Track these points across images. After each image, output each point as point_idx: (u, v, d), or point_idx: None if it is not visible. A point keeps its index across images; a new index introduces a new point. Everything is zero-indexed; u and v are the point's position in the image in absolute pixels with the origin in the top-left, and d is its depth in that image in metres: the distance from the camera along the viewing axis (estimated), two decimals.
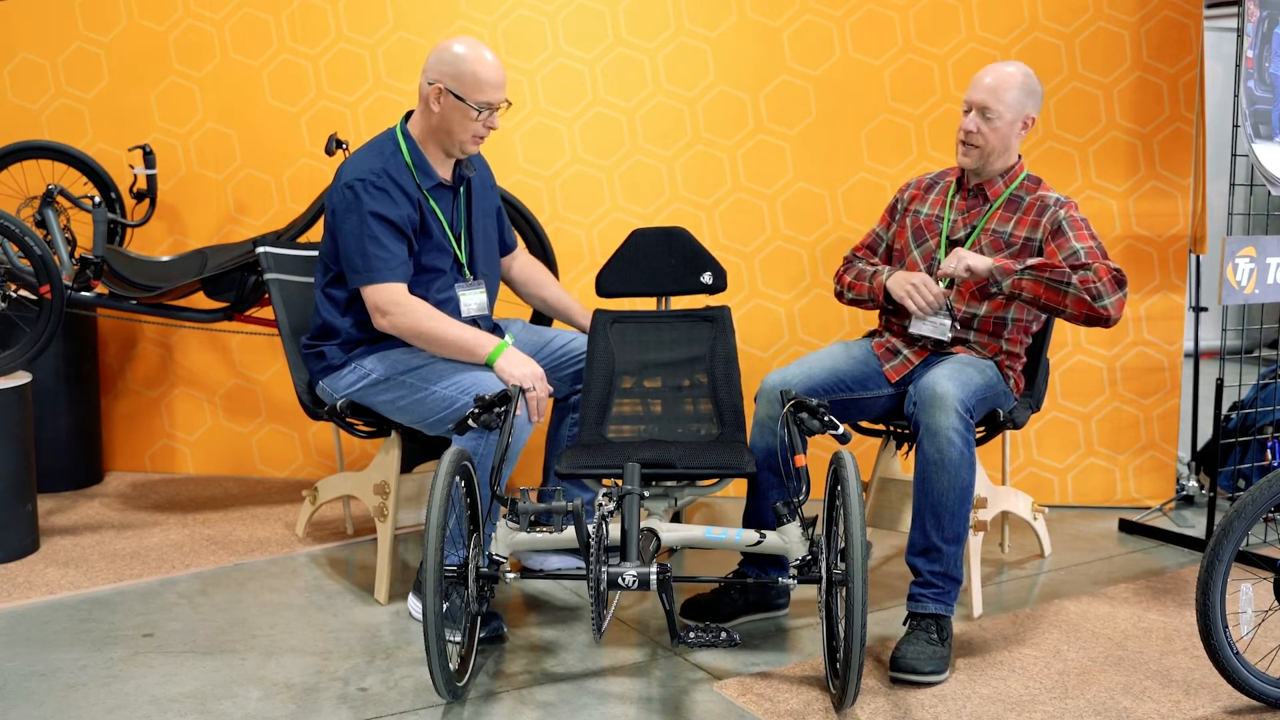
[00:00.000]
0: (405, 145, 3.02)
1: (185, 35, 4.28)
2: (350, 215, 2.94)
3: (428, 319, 2.94)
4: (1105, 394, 4.12)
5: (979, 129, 2.97)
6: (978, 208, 3.06)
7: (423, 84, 2.98)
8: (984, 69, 3.03)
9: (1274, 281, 3.65)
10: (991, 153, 3.00)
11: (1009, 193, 3.04)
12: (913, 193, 3.21)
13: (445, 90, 2.93)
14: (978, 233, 3.02)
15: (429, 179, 3.02)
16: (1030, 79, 3.01)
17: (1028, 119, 3.01)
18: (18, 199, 4.19)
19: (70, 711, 2.45)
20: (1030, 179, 3.08)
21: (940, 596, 2.76)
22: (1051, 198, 3.02)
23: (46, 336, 3.46)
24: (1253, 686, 2.44)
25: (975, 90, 2.98)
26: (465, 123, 2.95)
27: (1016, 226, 3.01)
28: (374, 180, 2.93)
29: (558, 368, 3.23)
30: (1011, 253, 2.99)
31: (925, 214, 3.13)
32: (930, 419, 2.76)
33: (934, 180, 3.20)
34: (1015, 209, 3.03)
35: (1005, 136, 2.99)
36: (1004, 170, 3.06)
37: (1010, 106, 2.96)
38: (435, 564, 2.33)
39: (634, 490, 2.49)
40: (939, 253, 3.06)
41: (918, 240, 3.12)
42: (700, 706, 2.51)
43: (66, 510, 3.96)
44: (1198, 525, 3.91)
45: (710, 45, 4.11)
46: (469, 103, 2.93)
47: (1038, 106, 3.03)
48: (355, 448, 4.37)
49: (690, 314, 3.20)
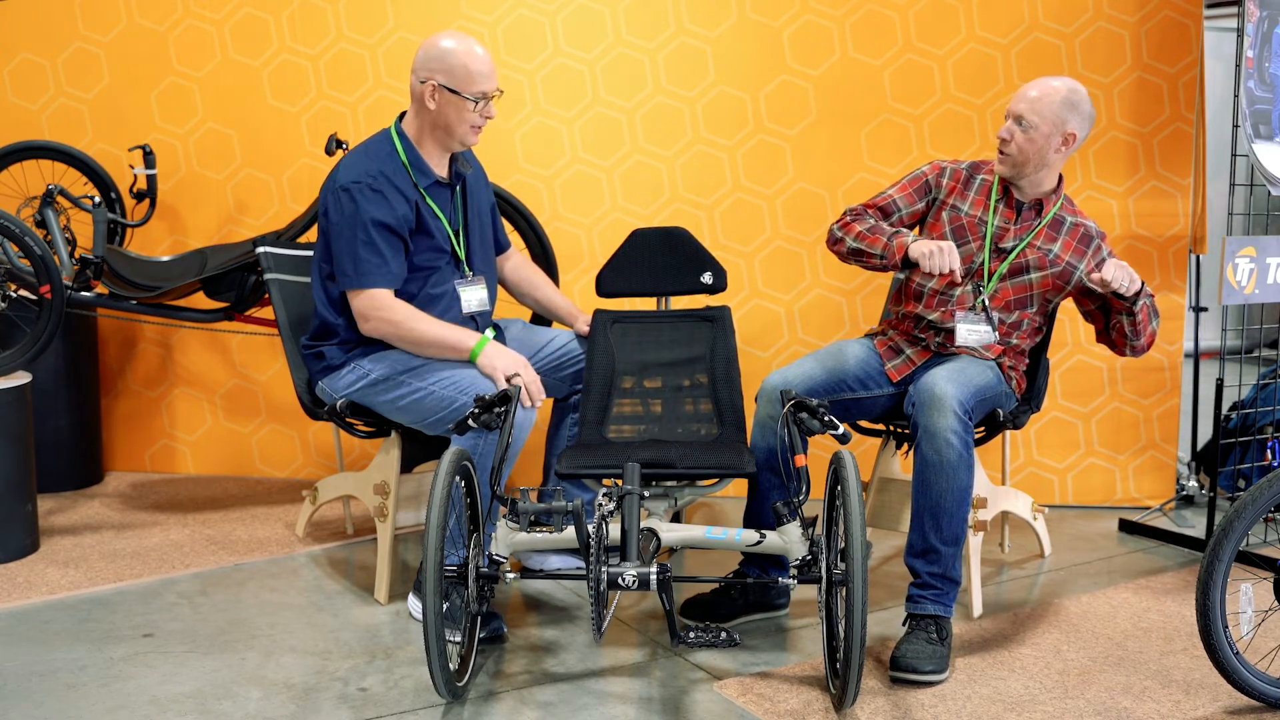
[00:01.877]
0: (401, 145, 3.02)
1: (185, 35, 4.28)
2: (344, 220, 2.94)
3: (408, 321, 2.95)
4: (1105, 394, 4.12)
5: (1012, 136, 2.95)
6: (1029, 222, 3.03)
7: (414, 83, 2.98)
8: (1032, 82, 2.99)
9: (1274, 281, 3.65)
10: (1026, 163, 2.96)
11: (1055, 212, 3.04)
12: (950, 184, 3.10)
13: (439, 86, 2.93)
14: (1024, 245, 3.01)
15: (426, 177, 3.02)
16: (1076, 95, 2.94)
17: (1068, 135, 2.94)
18: (18, 199, 4.19)
19: (70, 711, 2.45)
20: (1067, 201, 3.09)
21: (939, 598, 2.76)
22: (1093, 228, 3.06)
23: (46, 336, 3.46)
24: (1253, 686, 2.44)
25: (1017, 101, 2.96)
26: (463, 115, 2.96)
27: (1062, 249, 3.01)
28: (370, 183, 2.93)
29: (558, 368, 3.23)
30: (1054, 273, 3.00)
31: (967, 213, 3.07)
32: (928, 420, 2.76)
33: (970, 174, 3.11)
34: (1059, 230, 3.03)
35: (1041, 149, 2.94)
36: (1050, 190, 3.04)
37: (1046, 119, 2.91)
38: (435, 564, 2.33)
39: (634, 490, 2.49)
40: (980, 254, 3.03)
41: (959, 239, 3.05)
42: (700, 706, 2.51)
43: (66, 510, 3.96)
44: (1198, 525, 3.91)
45: (710, 45, 4.11)
46: (465, 95, 2.93)
47: (1083, 125, 2.96)
48: (355, 448, 4.37)
49: (690, 314, 3.20)
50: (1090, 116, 2.98)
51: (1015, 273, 3.02)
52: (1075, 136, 2.96)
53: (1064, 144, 2.96)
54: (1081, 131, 2.97)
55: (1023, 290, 3.02)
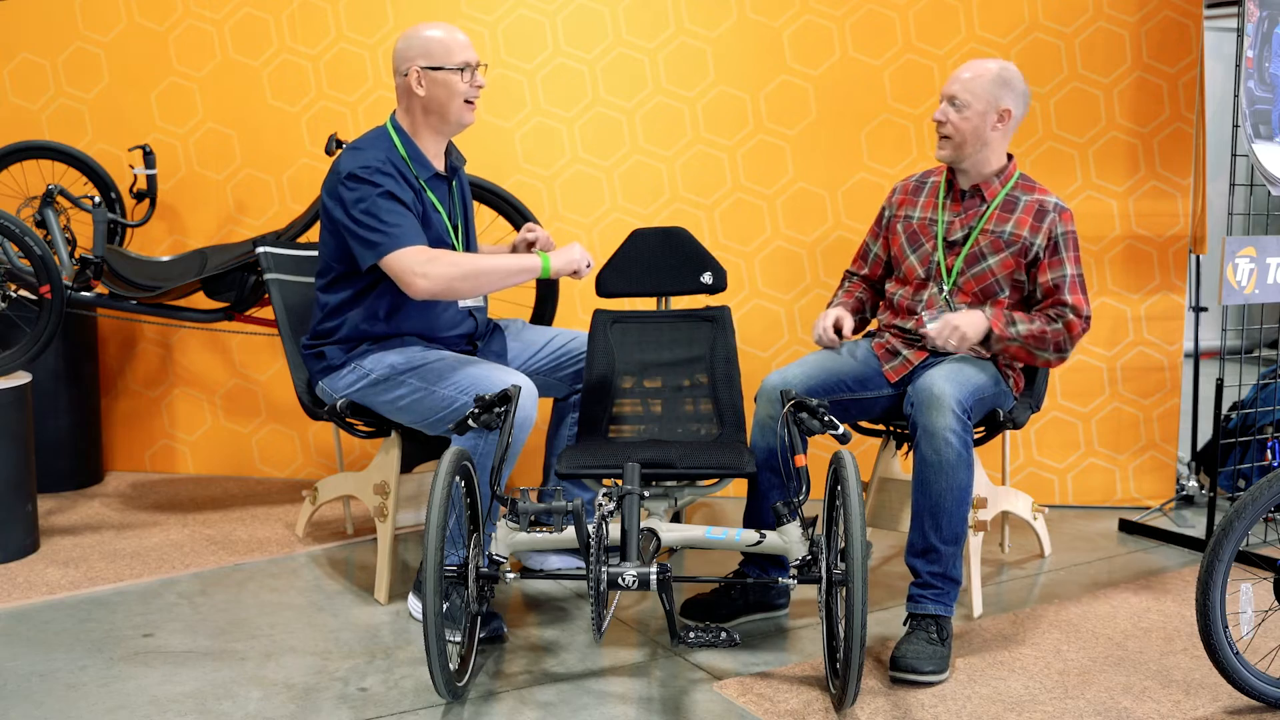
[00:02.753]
0: (398, 139, 3.02)
1: (185, 35, 4.28)
2: (361, 198, 2.88)
3: (468, 260, 2.91)
4: (1105, 394, 4.12)
5: (947, 118, 2.97)
6: (974, 209, 3.05)
7: (398, 81, 3.00)
8: (965, 64, 3.04)
9: (1274, 281, 3.65)
10: (964, 143, 2.98)
11: (1005, 193, 3.04)
12: (899, 198, 3.18)
13: (422, 70, 2.95)
14: (975, 234, 3.02)
15: (425, 170, 3.03)
16: (1008, 72, 2.99)
17: (1003, 112, 2.97)
18: (18, 199, 4.19)
19: (70, 711, 2.45)
20: (1024, 179, 3.08)
21: (939, 597, 2.76)
22: (1050, 201, 3.02)
23: (46, 336, 3.46)
24: (1253, 686, 2.44)
25: (950, 83, 3.00)
26: (453, 90, 2.96)
27: (1016, 226, 3.00)
28: (379, 166, 2.91)
29: (557, 368, 3.24)
30: (1012, 252, 2.99)
31: (917, 218, 3.12)
32: (927, 420, 2.76)
33: (920, 181, 3.18)
34: (1013, 209, 3.02)
35: (977, 128, 2.96)
36: (998, 170, 3.04)
37: (980, 96, 2.95)
38: (435, 564, 2.33)
39: (634, 490, 2.49)
40: (936, 254, 3.06)
41: (913, 245, 3.11)
42: (700, 706, 2.51)
43: (66, 510, 3.96)
44: (1198, 525, 3.91)
45: (710, 45, 4.11)
46: (448, 67, 2.95)
47: (1018, 102, 2.99)
48: (355, 448, 4.37)
49: (690, 314, 3.20)
50: (1025, 95, 3.01)
51: (972, 262, 3.02)
52: (1011, 113, 2.98)
53: (1000, 121, 2.98)
54: (1017, 109, 2.99)
55: (985, 278, 3.01)
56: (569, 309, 4.06)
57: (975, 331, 2.91)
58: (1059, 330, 2.96)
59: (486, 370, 2.92)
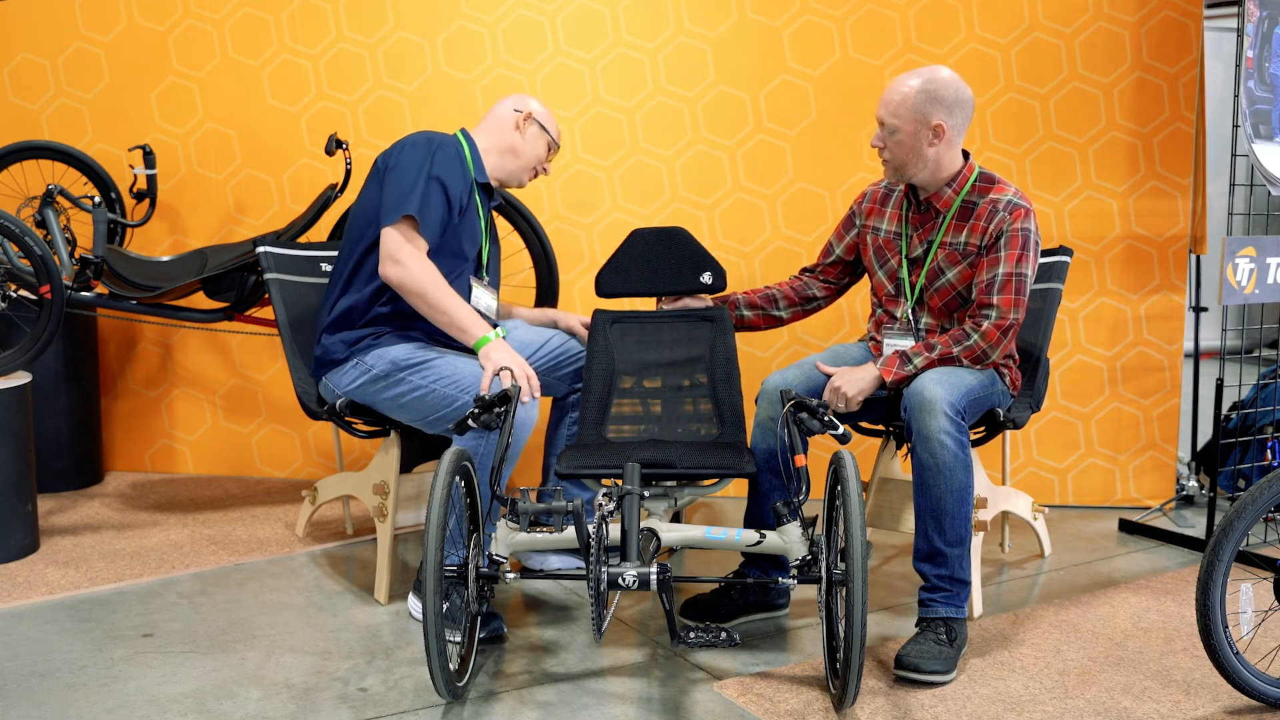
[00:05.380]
0: (466, 144, 3.14)
1: (185, 35, 4.28)
2: (415, 161, 2.98)
3: (434, 283, 2.93)
4: (1105, 394, 4.12)
5: (884, 143, 2.92)
6: (930, 222, 3.00)
7: (506, 110, 3.17)
8: (891, 83, 2.94)
9: (1274, 281, 3.65)
10: (904, 164, 2.91)
11: (960, 201, 2.95)
12: (869, 206, 3.14)
13: (531, 117, 3.16)
14: (935, 248, 2.98)
15: (481, 175, 3.14)
16: (933, 84, 2.85)
17: (936, 127, 2.84)
18: (18, 199, 4.19)
19: (70, 711, 2.45)
20: (983, 179, 2.97)
21: (949, 600, 2.76)
22: (1004, 200, 2.91)
23: (46, 336, 3.46)
24: (1253, 686, 2.44)
25: (879, 107, 2.92)
26: (539, 153, 3.18)
27: (970, 235, 2.93)
28: (447, 145, 3.04)
29: (556, 367, 3.24)
30: (969, 263, 2.93)
31: (884, 231, 3.08)
32: (920, 424, 2.75)
33: (888, 191, 3.12)
34: (968, 216, 2.94)
35: (911, 148, 2.88)
36: (950, 179, 2.95)
37: (906, 119, 2.85)
38: (435, 564, 2.33)
39: (634, 490, 2.49)
40: (901, 272, 3.04)
41: (880, 260, 3.09)
42: (700, 706, 2.51)
43: (66, 510, 3.96)
44: (1198, 525, 3.91)
45: (710, 45, 4.11)
46: (550, 135, 3.19)
47: (952, 112, 2.85)
48: (355, 448, 4.38)
49: (690, 314, 3.20)
50: (957, 102, 2.86)
51: (933, 278, 2.99)
52: (944, 127, 2.85)
53: (936, 136, 2.86)
54: (950, 120, 2.85)
55: (947, 293, 2.97)
56: (568, 309, 4.06)
57: (858, 389, 2.89)
58: (973, 346, 2.87)
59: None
